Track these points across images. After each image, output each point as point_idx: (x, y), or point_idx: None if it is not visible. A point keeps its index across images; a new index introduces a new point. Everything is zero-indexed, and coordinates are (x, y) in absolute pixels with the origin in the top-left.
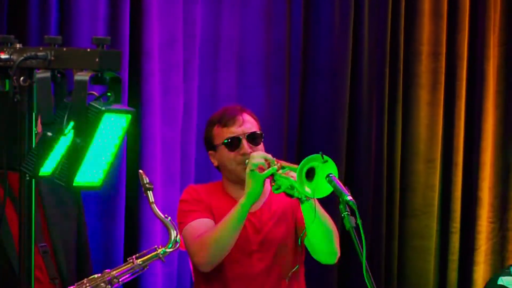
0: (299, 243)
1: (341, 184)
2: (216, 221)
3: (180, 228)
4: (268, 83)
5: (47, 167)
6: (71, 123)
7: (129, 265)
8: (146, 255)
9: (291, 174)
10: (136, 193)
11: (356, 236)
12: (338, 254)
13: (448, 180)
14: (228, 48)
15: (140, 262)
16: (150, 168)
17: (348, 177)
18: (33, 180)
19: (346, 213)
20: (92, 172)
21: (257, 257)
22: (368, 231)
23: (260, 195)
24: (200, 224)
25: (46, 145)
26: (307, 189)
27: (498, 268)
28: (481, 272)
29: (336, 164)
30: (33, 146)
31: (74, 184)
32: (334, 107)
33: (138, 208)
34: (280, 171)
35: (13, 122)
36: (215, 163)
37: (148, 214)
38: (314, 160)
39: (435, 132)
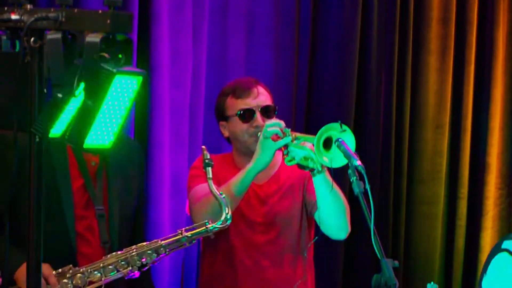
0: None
1: (350, 149)
2: None
3: (187, 192)
4: (277, 52)
5: (57, 129)
6: (82, 85)
7: (178, 236)
8: (196, 228)
9: (307, 144)
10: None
11: (364, 201)
12: (349, 230)
13: (457, 146)
14: (237, 13)
15: (189, 235)
16: (159, 132)
17: (356, 143)
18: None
19: (354, 178)
20: (103, 134)
21: (261, 229)
22: (376, 197)
23: (269, 166)
24: (204, 188)
25: (56, 106)
26: (325, 159)
27: (506, 234)
28: (488, 238)
29: None
30: (44, 107)
31: (84, 147)
32: (343, 73)
33: (145, 174)
34: (295, 141)
35: (23, 83)
36: (226, 134)
37: (156, 182)
38: (332, 129)
39: (444, 98)
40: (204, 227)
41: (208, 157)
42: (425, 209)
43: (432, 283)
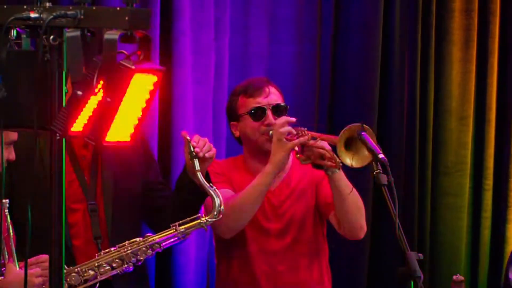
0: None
1: (373, 142)
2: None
3: None
4: (300, 41)
5: (78, 126)
6: (101, 82)
7: (172, 231)
8: (189, 222)
9: (323, 144)
10: (167, 152)
11: (388, 194)
12: (365, 230)
13: (481, 137)
14: (259, 5)
15: (183, 229)
16: (182, 128)
17: (380, 135)
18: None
19: (378, 171)
20: (123, 129)
21: (276, 235)
22: (401, 189)
23: (285, 166)
24: (223, 194)
25: (76, 104)
26: (347, 159)
27: None
28: None
29: (368, 122)
30: (63, 105)
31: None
32: (366, 64)
33: (170, 167)
34: (311, 141)
35: (43, 81)
36: (237, 134)
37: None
38: (354, 130)
39: (467, 89)
40: (198, 221)
41: (193, 149)
42: (450, 200)
43: (458, 275)
